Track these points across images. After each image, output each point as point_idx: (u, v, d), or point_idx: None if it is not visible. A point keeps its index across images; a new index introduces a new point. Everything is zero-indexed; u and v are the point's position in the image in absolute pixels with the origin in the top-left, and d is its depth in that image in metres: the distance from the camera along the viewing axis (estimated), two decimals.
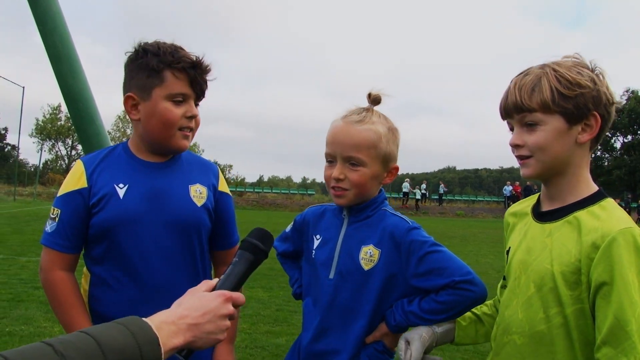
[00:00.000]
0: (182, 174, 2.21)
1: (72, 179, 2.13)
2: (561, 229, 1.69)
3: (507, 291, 1.82)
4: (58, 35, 2.87)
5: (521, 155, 1.73)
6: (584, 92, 1.64)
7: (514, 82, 1.72)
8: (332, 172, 2.02)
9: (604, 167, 62.42)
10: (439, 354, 5.88)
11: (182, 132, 2.11)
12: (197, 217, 2.19)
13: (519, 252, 1.79)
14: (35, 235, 15.19)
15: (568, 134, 1.67)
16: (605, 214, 1.63)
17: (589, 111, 1.65)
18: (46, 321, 6.57)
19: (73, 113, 2.98)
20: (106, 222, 2.07)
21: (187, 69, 2.07)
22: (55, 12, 2.86)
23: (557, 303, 1.63)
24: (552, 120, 1.65)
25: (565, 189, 1.73)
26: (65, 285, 2.09)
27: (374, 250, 2.02)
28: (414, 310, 1.98)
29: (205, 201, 2.21)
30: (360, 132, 1.99)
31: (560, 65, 1.68)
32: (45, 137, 70.35)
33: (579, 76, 1.65)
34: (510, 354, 1.75)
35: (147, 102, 2.08)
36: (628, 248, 1.53)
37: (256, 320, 6.98)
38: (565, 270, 1.62)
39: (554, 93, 1.64)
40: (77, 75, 2.93)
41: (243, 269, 1.49)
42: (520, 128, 1.71)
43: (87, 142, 2.97)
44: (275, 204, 43.31)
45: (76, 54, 2.95)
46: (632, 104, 60.48)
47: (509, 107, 1.72)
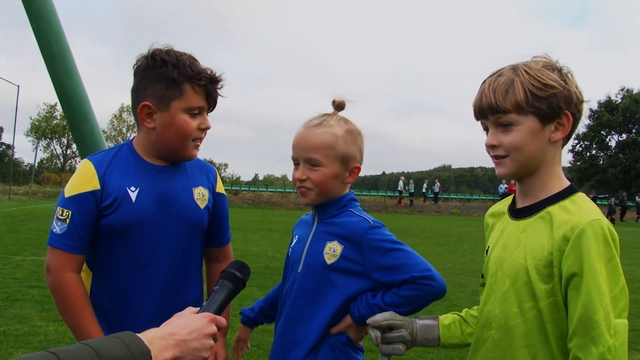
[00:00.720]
0: (186, 177, 2.27)
1: (82, 179, 2.12)
2: (534, 224, 1.74)
3: (486, 288, 1.86)
4: (52, 34, 2.86)
5: (497, 155, 1.77)
6: (556, 92, 1.68)
7: (487, 83, 1.75)
8: (296, 173, 2.17)
9: (599, 166, 62.65)
10: (434, 352, 5.90)
11: (195, 143, 2.18)
12: (201, 219, 2.27)
13: (495, 250, 1.84)
14: (30, 235, 15.16)
15: (542, 133, 1.71)
16: (575, 208, 1.68)
17: (561, 110, 1.70)
18: (41, 320, 6.56)
19: (67, 112, 2.97)
20: (119, 224, 2.10)
21: (205, 84, 2.12)
22: (49, 11, 2.85)
23: (531, 297, 1.68)
24: (527, 120, 1.69)
25: (537, 186, 1.77)
26: (76, 289, 2.09)
27: (337, 246, 2.12)
28: (378, 303, 2.06)
29: (207, 203, 2.29)
30: (317, 135, 2.13)
31: (531, 66, 1.72)
32: (41, 135, 70.18)
33: (550, 77, 1.69)
34: (489, 349, 1.79)
35: (164, 113, 2.10)
36: (596, 239, 1.57)
37: None
38: (538, 264, 1.67)
39: (527, 94, 1.67)
40: (71, 74, 2.92)
41: (224, 295, 1.66)
42: (495, 129, 1.75)
43: (82, 141, 2.96)
44: (271, 203, 43.33)
45: (70, 53, 2.94)
46: (626, 103, 60.70)
47: (483, 108, 1.75)
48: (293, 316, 2.17)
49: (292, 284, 2.19)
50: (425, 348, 6.07)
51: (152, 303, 2.13)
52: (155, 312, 2.07)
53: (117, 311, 2.13)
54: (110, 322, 2.14)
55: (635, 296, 9.36)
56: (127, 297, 2.12)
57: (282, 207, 40.35)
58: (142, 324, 2.00)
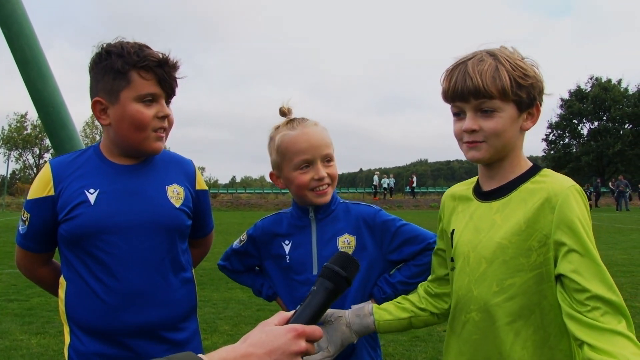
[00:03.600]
0: (158, 174, 2.15)
1: (40, 184, 2.07)
2: (509, 204, 1.77)
3: (458, 272, 1.87)
4: (24, 38, 2.79)
5: (473, 140, 1.76)
6: (533, 82, 1.73)
7: (470, 67, 1.72)
8: (313, 175, 2.15)
9: (572, 154, 63.70)
10: (421, 345, 5.91)
11: (156, 134, 2.05)
12: (176, 217, 2.13)
13: (465, 233, 1.86)
14: (6, 247, 14.88)
15: (517, 121, 1.75)
16: (548, 179, 1.74)
17: (535, 100, 1.75)
18: (22, 334, 6.44)
19: (44, 118, 2.90)
20: (79, 229, 2.01)
21: (153, 67, 2.00)
22: (20, 15, 2.78)
23: (511, 274, 1.71)
24: (508, 107, 1.72)
25: (507, 169, 1.81)
26: (51, 280, 2.23)
27: (350, 237, 2.20)
28: (400, 279, 2.21)
29: (182, 201, 2.16)
30: (324, 131, 2.21)
31: (510, 55, 1.74)
32: (12, 146, 68.92)
33: (529, 67, 1.74)
34: (470, 331, 1.81)
35: (116, 106, 2.01)
36: (578, 203, 1.65)
37: (237, 322, 6.94)
38: (518, 239, 1.70)
39: (512, 81, 1.69)
40: (46, 79, 2.85)
41: (322, 300, 1.35)
42: (475, 113, 1.74)
43: (60, 147, 2.89)
44: (250, 204, 43.18)
45: (44, 57, 2.87)
46: (596, 91, 61.73)
47: (467, 91, 1.72)
48: None
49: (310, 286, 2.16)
50: (413, 341, 6.10)
51: (125, 310, 2.00)
52: (132, 321, 2.00)
53: (91, 322, 2.02)
54: (87, 332, 2.03)
55: (614, 280, 9.38)
56: (99, 306, 2.00)
57: (261, 208, 40.23)
58: (120, 333, 1.99)
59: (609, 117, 61.84)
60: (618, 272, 10.31)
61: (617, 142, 59.14)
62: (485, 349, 1.77)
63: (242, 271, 2.41)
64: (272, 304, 2.38)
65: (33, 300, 8.17)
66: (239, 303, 7.91)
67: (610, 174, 57.37)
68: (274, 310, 3.37)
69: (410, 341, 6.10)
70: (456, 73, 1.75)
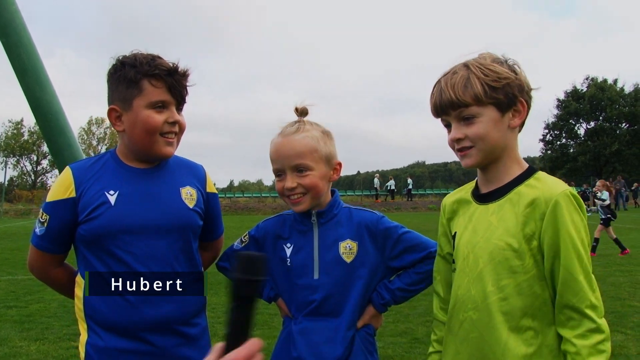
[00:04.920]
0: (172, 177, 2.26)
1: (60, 187, 2.16)
2: (504, 205, 1.86)
3: (458, 272, 1.95)
4: (22, 47, 2.81)
5: (463, 147, 1.87)
6: (509, 82, 1.82)
7: (443, 81, 1.86)
8: (284, 184, 2.18)
9: (569, 154, 63.69)
10: (421, 347, 5.92)
11: (165, 139, 2.15)
12: (191, 218, 2.23)
13: (465, 234, 1.94)
14: (4, 254, 14.87)
15: (502, 121, 1.84)
16: (540, 183, 1.83)
17: (516, 98, 1.84)
18: (21, 340, 6.44)
19: (42, 125, 2.93)
20: (100, 229, 2.10)
21: (164, 76, 2.11)
22: (18, 24, 2.80)
23: (506, 274, 1.80)
24: (487, 111, 1.82)
25: (502, 171, 1.90)
26: (63, 281, 2.29)
27: (352, 243, 2.21)
28: (400, 286, 2.24)
29: (195, 203, 2.26)
30: (299, 140, 2.17)
31: (481, 62, 1.85)
32: (9, 153, 68.77)
33: (502, 68, 1.83)
34: (468, 330, 1.87)
35: (129, 113, 2.13)
36: (569, 208, 1.75)
37: None
38: (512, 241, 1.79)
39: (484, 86, 1.80)
40: (44, 87, 2.87)
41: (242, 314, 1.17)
42: (458, 123, 1.86)
43: (59, 154, 2.91)
44: (248, 208, 43.15)
45: (42, 65, 2.89)
46: (592, 91, 61.78)
47: (444, 105, 1.86)
48: (318, 319, 2.18)
49: (307, 292, 2.20)
50: (412, 343, 6.11)
51: (144, 306, 2.10)
52: (150, 315, 2.10)
53: (112, 319, 2.11)
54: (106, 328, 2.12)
55: (613, 279, 9.54)
56: (122, 302, 2.10)
57: (259, 212, 40.19)
58: (140, 327, 2.09)
59: (606, 117, 61.92)
60: (617, 272, 10.33)
61: (614, 142, 59.17)
62: (482, 348, 1.83)
63: None
64: (270, 307, 2.39)
65: (32, 306, 8.16)
66: None
67: (607, 174, 57.34)
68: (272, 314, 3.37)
69: (409, 343, 6.12)
70: (435, 90, 1.90)
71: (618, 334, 6.20)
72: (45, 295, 8.69)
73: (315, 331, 2.18)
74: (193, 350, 2.20)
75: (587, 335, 1.70)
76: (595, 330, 1.70)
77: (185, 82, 2.18)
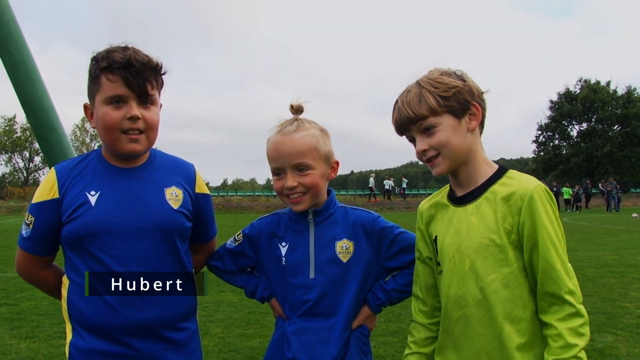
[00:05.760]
0: (157, 177, 2.19)
1: (45, 188, 2.14)
2: (482, 205, 1.97)
3: (445, 273, 2.02)
4: (13, 42, 2.78)
5: (430, 158, 2.00)
6: (459, 89, 1.96)
7: (400, 101, 2.01)
8: (284, 183, 2.15)
9: (562, 156, 63.95)
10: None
11: (128, 136, 2.07)
12: (175, 219, 2.16)
13: (448, 237, 2.03)
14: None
15: (460, 126, 1.97)
16: (514, 181, 1.96)
17: (469, 103, 1.98)
18: (11, 338, 6.39)
19: (33, 122, 2.90)
20: (81, 229, 2.06)
21: (117, 69, 2.01)
22: (8, 20, 2.77)
23: (494, 269, 1.91)
24: (444, 119, 1.95)
25: (473, 173, 2.02)
26: (51, 282, 2.26)
27: (348, 242, 2.20)
28: (395, 287, 2.25)
29: (181, 204, 2.18)
30: (300, 139, 2.15)
31: (431, 77, 1.99)
32: (1, 150, 68.40)
33: (450, 79, 1.98)
34: (464, 326, 1.96)
35: (94, 109, 2.10)
36: (543, 201, 1.88)
37: (229, 324, 6.92)
38: (494, 237, 1.91)
39: (437, 98, 1.94)
40: (35, 83, 2.85)
41: None
42: (421, 135, 2.00)
43: (50, 151, 2.89)
44: (241, 207, 43.07)
45: (33, 61, 2.87)
46: (585, 93, 62.05)
47: (404, 122, 2.00)
48: (313, 319, 2.18)
49: (302, 291, 2.19)
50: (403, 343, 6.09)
51: (127, 308, 2.05)
52: (133, 319, 2.06)
53: (94, 321, 2.07)
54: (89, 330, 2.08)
55: (604, 280, 9.57)
56: (102, 304, 2.05)
57: (252, 211, 40.14)
58: (121, 331, 2.04)
59: (598, 119, 62.20)
60: (608, 273, 10.37)
61: (606, 144, 59.50)
62: (480, 342, 1.93)
63: (236, 272, 2.39)
64: (263, 307, 2.38)
65: (22, 304, 8.11)
66: (229, 306, 7.89)
67: (600, 175, 57.64)
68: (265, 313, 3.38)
69: (401, 343, 6.11)
70: (394, 111, 2.05)
71: (608, 334, 6.21)
72: (36, 293, 8.63)
73: (309, 332, 2.17)
74: (179, 355, 2.15)
75: (568, 318, 1.82)
76: (576, 315, 1.82)
77: (147, 74, 2.05)
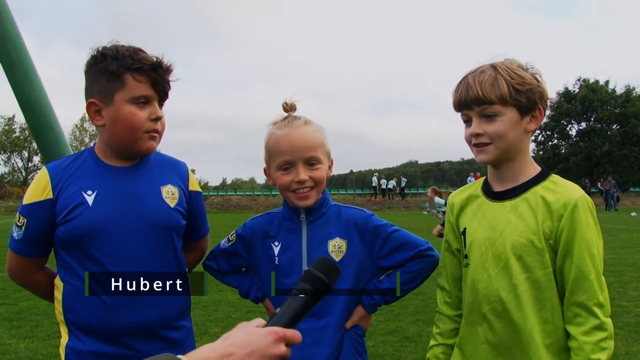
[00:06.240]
0: (152, 176, 2.18)
1: (37, 188, 2.10)
2: (521, 204, 1.95)
3: (473, 267, 2.01)
4: (10, 42, 2.78)
5: (480, 143, 1.95)
6: (532, 88, 1.93)
7: (471, 78, 1.95)
8: (293, 177, 2.12)
9: (561, 155, 63.88)
10: (411, 346, 5.92)
11: (148, 135, 2.09)
12: (172, 217, 2.16)
13: (480, 230, 2.01)
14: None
15: (520, 124, 1.94)
16: (559, 187, 1.94)
17: (536, 104, 1.95)
18: (10, 338, 6.40)
19: (31, 121, 2.89)
20: (78, 230, 2.04)
21: (147, 70, 2.04)
22: (6, 19, 2.77)
23: (529, 269, 1.90)
24: (509, 111, 1.91)
25: (517, 171, 2.00)
26: (45, 285, 2.21)
27: (341, 241, 2.18)
28: (389, 286, 2.21)
29: (177, 202, 2.19)
30: (311, 133, 2.16)
31: (509, 66, 1.94)
32: (0, 149, 68.28)
33: (528, 74, 1.94)
34: (493, 321, 1.96)
35: (110, 107, 2.06)
36: (586, 212, 1.87)
37: (228, 324, 6.93)
38: (534, 238, 1.89)
39: (510, 88, 1.89)
40: (32, 82, 2.84)
41: (301, 304, 1.33)
42: (479, 119, 1.94)
43: (47, 150, 2.88)
44: (240, 207, 43.08)
45: (31, 60, 2.86)
46: (583, 92, 62.02)
47: (470, 100, 1.93)
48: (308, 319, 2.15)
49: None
50: (402, 342, 6.11)
51: (124, 309, 2.04)
52: (131, 319, 2.04)
53: (90, 323, 2.05)
54: (86, 332, 2.06)
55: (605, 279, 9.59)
56: (100, 306, 2.04)
57: (251, 211, 40.12)
58: (120, 332, 2.03)
59: (597, 118, 62.19)
60: (606, 272, 10.30)
61: (604, 143, 59.49)
62: (509, 337, 1.93)
63: (229, 272, 2.38)
64: (262, 307, 2.37)
65: (21, 304, 8.11)
66: (229, 305, 7.90)
67: (598, 175, 57.62)
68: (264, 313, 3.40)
69: (400, 342, 6.11)
70: (461, 86, 1.98)
71: None
72: None
73: (303, 332, 2.14)
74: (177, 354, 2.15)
75: (591, 332, 1.82)
76: (599, 328, 1.82)
77: (168, 77, 2.12)
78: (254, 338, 1.19)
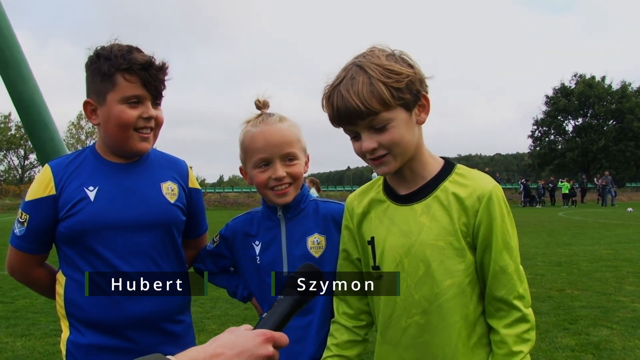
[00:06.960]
0: (152, 172, 2.22)
1: (40, 185, 2.12)
2: (433, 204, 1.80)
3: (390, 279, 1.83)
4: (3, 39, 2.76)
5: (377, 156, 1.76)
6: (411, 78, 1.71)
7: (344, 89, 1.70)
8: (270, 174, 2.10)
9: (557, 150, 64.10)
10: None
11: (140, 134, 2.11)
12: (172, 213, 2.20)
13: (391, 238, 1.83)
14: None
15: (411, 120, 1.75)
16: (469, 180, 1.80)
17: (419, 93, 1.75)
18: (7, 336, 6.39)
19: (25, 119, 2.88)
20: (80, 225, 2.07)
21: (138, 70, 2.06)
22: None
23: (450, 274, 1.77)
24: (396, 114, 1.71)
25: (419, 170, 1.84)
26: (46, 281, 2.24)
27: (320, 237, 2.15)
28: None
29: (177, 198, 2.23)
30: (287, 129, 2.13)
31: (377, 62, 1.70)
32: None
33: (399, 66, 1.70)
34: (414, 335, 1.81)
35: (103, 107, 2.09)
36: (499, 202, 1.76)
37: (225, 321, 6.94)
38: (452, 240, 1.77)
39: (390, 89, 1.67)
40: (26, 80, 2.83)
41: (288, 308, 1.36)
42: (369, 131, 1.73)
43: (41, 148, 2.87)
44: (237, 203, 43.14)
45: (24, 58, 2.85)
46: (580, 88, 62.17)
47: (351, 115, 1.71)
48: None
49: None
50: None
51: (125, 303, 2.06)
52: (133, 312, 2.07)
53: (92, 317, 2.08)
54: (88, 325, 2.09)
55: (599, 274, 9.60)
56: (104, 298, 2.06)
57: (248, 207, 39.56)
58: (122, 324, 2.06)
59: (593, 114, 62.35)
60: (603, 267, 10.41)
61: (601, 138, 59.66)
62: (433, 351, 1.79)
63: (217, 272, 2.39)
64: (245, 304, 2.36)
65: (18, 302, 8.11)
66: (226, 302, 7.90)
67: (595, 170, 57.79)
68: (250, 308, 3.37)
69: None
70: (334, 98, 1.73)
71: (604, 328, 6.24)
72: (32, 291, 8.61)
73: (287, 330, 2.13)
74: (176, 348, 2.12)
75: (514, 324, 1.75)
76: (521, 320, 1.75)
77: (161, 76, 2.13)
78: (242, 339, 1.22)
